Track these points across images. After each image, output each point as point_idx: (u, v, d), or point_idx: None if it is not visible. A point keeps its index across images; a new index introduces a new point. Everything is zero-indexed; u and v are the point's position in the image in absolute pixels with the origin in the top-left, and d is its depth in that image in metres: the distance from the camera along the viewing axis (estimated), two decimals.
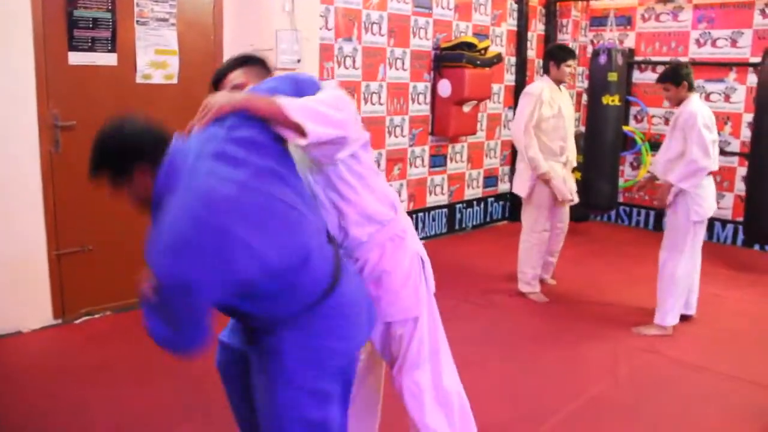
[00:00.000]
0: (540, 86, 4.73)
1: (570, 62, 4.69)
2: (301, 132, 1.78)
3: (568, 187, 4.83)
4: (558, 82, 4.76)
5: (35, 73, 3.89)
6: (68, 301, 4.17)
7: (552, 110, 4.68)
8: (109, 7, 4.10)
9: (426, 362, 2.31)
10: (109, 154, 1.74)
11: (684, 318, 4.41)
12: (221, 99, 1.81)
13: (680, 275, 4.21)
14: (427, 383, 2.32)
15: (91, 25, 4.05)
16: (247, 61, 2.21)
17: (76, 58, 4.03)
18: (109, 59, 4.17)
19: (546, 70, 4.83)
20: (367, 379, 2.49)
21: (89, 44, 4.07)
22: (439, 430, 2.33)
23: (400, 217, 2.25)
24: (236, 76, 2.15)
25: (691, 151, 4.03)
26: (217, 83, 2.19)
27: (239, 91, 2.01)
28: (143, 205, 1.80)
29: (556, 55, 4.71)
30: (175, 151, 1.74)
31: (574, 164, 5.00)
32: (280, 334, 1.84)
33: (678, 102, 4.22)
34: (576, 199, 4.99)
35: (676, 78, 4.17)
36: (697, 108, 4.08)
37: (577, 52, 7.47)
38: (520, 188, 4.88)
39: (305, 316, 1.83)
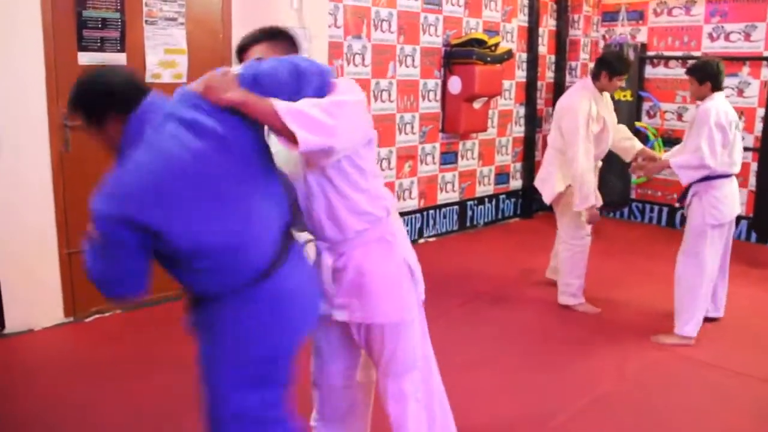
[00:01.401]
0: (585, 102, 4.30)
1: (624, 76, 4.39)
2: (293, 139, 1.80)
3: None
4: (602, 91, 4.44)
5: (45, 73, 3.91)
6: (79, 300, 4.20)
7: (598, 125, 4.36)
8: (118, 7, 4.13)
9: (413, 369, 2.27)
10: (83, 98, 1.84)
11: (711, 320, 4.30)
12: (224, 85, 1.81)
13: (697, 282, 4.02)
14: (412, 390, 2.28)
15: (100, 25, 4.08)
16: (275, 35, 2.17)
17: (85, 58, 4.06)
18: (118, 59, 4.20)
19: (595, 77, 4.42)
20: (355, 382, 2.44)
21: (99, 44, 4.10)
22: None
23: (391, 220, 2.21)
24: (260, 50, 2.12)
25: (700, 146, 3.89)
26: (241, 53, 2.17)
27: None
28: (114, 151, 1.87)
29: (614, 66, 4.31)
30: (148, 105, 1.81)
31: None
32: (211, 310, 1.91)
33: (699, 98, 4.08)
34: (600, 203, 4.51)
35: (700, 75, 4.01)
36: (714, 106, 3.91)
37: (588, 48, 7.44)
38: (549, 193, 4.59)
39: (235, 297, 1.88)
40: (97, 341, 3.95)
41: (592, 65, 5.33)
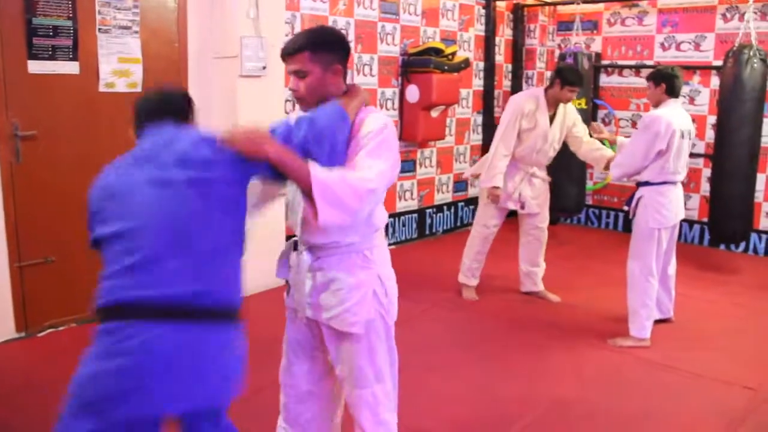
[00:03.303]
0: (523, 100, 4.70)
1: (574, 89, 4.58)
2: (315, 210, 1.89)
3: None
4: (556, 100, 4.66)
5: None
6: (31, 314, 4.10)
7: (528, 124, 4.63)
8: (70, 15, 4.05)
9: (380, 382, 2.29)
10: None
11: (662, 321, 4.41)
12: (265, 140, 1.88)
13: (646, 284, 4.15)
14: (384, 397, 2.30)
15: (51, 33, 3.99)
16: (318, 45, 2.15)
17: (36, 66, 3.97)
18: (70, 68, 4.12)
19: (550, 85, 4.68)
20: (320, 390, 2.45)
21: (50, 52, 4.01)
22: None
23: (376, 236, 2.26)
24: (301, 61, 2.14)
25: (627, 144, 4.19)
26: (283, 58, 2.21)
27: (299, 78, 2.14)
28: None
29: (565, 76, 4.56)
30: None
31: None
32: None
33: (656, 104, 4.19)
34: (532, 210, 4.86)
35: (657, 78, 4.15)
36: (659, 113, 4.05)
37: (545, 57, 7.54)
38: (473, 168, 5.16)
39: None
40: (51, 357, 3.85)
41: (549, 74, 5.43)
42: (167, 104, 2.05)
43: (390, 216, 6.33)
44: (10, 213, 3.96)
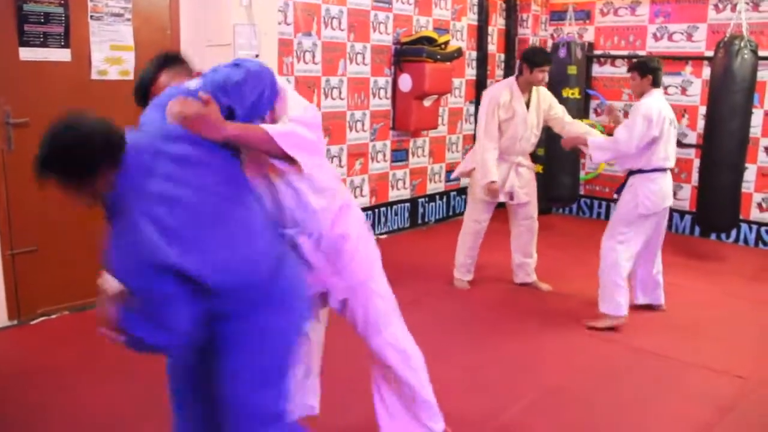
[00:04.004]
0: (497, 91, 4.72)
1: (544, 69, 4.60)
2: (294, 162, 1.99)
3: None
4: (530, 85, 4.68)
5: None
6: (24, 302, 4.09)
7: (506, 114, 4.66)
8: (62, 2, 4.02)
9: (394, 315, 2.55)
10: (74, 158, 1.67)
11: (652, 309, 4.51)
12: (213, 118, 1.82)
13: (620, 265, 4.21)
14: (402, 333, 2.57)
15: (42, 20, 3.97)
16: (172, 61, 2.19)
17: (27, 53, 3.94)
18: (62, 55, 4.10)
19: (519, 72, 4.69)
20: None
21: (41, 39, 3.99)
22: (422, 370, 2.65)
23: (343, 188, 2.46)
24: (165, 80, 2.12)
25: (619, 130, 4.17)
26: (147, 87, 2.14)
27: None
28: (96, 201, 1.78)
29: (530, 58, 4.59)
30: (131, 149, 1.75)
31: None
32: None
33: (640, 94, 4.25)
34: (521, 200, 4.88)
35: (643, 69, 4.21)
36: (650, 102, 4.13)
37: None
38: (459, 169, 5.15)
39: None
40: (44, 345, 3.85)
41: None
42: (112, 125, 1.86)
43: (382, 205, 6.36)
44: (2, 201, 3.95)
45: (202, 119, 1.79)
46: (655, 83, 4.22)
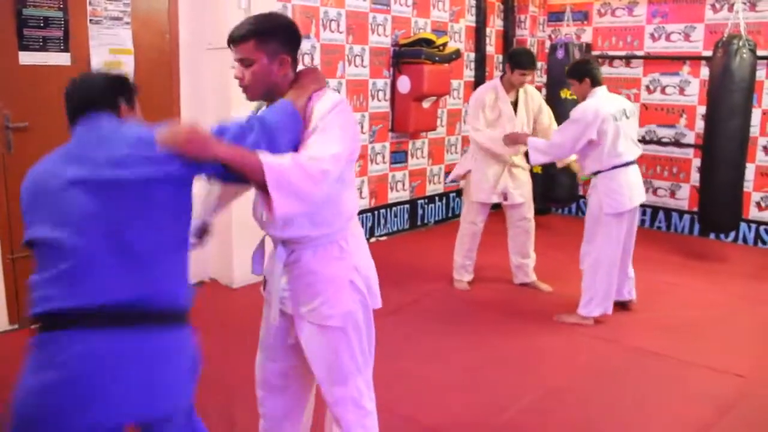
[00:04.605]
0: (483, 92, 4.79)
1: (526, 72, 4.60)
2: (270, 203, 1.80)
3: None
4: (512, 85, 4.70)
5: None
6: (24, 306, 4.08)
7: (492, 114, 4.71)
8: (61, 6, 4.04)
9: (356, 375, 2.22)
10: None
11: (622, 305, 4.49)
12: (203, 136, 1.74)
13: (596, 267, 4.21)
14: (365, 386, 2.25)
15: (42, 24, 3.98)
16: (265, 33, 2.03)
17: (27, 58, 3.96)
18: (62, 59, 4.11)
19: (504, 71, 4.75)
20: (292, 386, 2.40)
21: (41, 44, 4.00)
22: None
23: (349, 226, 2.18)
24: (247, 49, 2.02)
25: (554, 133, 4.25)
26: (230, 44, 2.09)
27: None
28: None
29: (513, 59, 4.63)
30: None
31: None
32: None
33: (584, 97, 4.24)
34: (515, 201, 4.87)
35: (577, 74, 4.22)
36: (587, 104, 4.12)
37: (535, 48, 7.55)
38: (454, 172, 5.14)
39: None
40: None
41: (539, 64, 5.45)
42: (87, 92, 1.89)
43: (381, 207, 6.36)
44: (2, 205, 3.96)
45: (191, 137, 1.72)
46: (595, 82, 4.20)
